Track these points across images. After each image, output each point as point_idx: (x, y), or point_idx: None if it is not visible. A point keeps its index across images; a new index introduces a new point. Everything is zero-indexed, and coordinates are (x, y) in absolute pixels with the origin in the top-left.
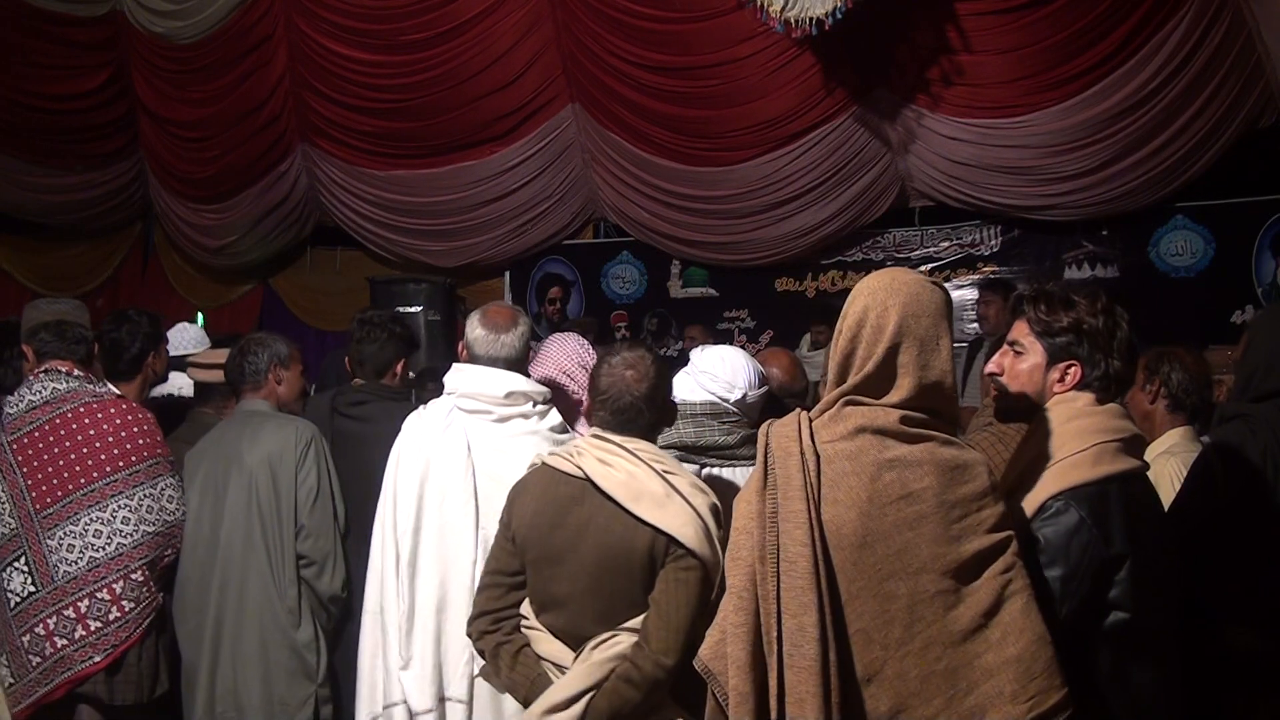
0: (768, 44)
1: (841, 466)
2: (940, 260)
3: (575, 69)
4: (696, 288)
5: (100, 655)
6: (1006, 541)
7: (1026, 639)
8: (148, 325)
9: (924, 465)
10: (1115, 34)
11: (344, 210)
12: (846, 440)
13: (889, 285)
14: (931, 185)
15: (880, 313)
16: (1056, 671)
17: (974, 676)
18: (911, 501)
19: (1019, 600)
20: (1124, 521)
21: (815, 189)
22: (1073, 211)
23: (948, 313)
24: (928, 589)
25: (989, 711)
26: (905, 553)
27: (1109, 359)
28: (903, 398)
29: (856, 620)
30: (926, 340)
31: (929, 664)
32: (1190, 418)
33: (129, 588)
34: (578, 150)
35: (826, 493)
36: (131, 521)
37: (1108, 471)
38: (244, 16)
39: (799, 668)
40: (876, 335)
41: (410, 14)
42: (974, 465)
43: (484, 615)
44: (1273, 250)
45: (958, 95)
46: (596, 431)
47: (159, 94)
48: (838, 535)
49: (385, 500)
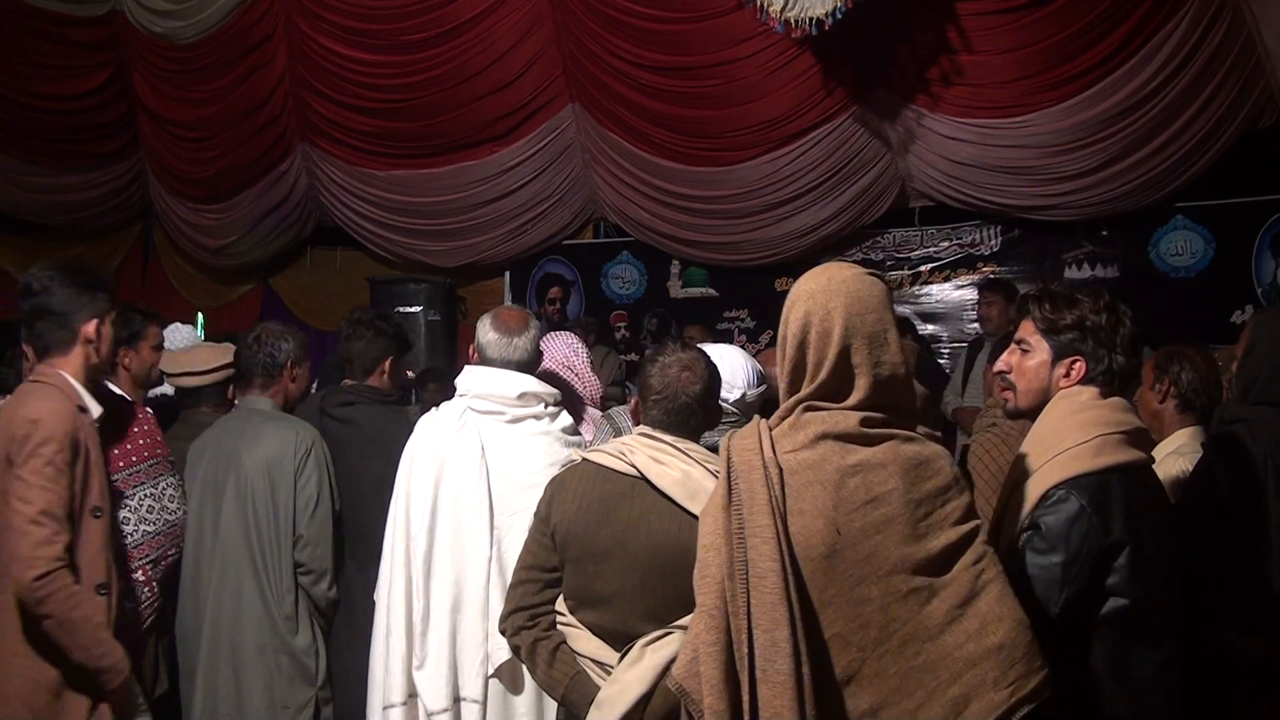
0: (768, 44)
1: (805, 477)
2: (940, 260)
3: (575, 69)
4: (696, 288)
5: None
6: (974, 532)
7: (1006, 626)
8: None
9: (888, 466)
10: (1115, 34)
11: (344, 210)
12: (808, 449)
13: (826, 286)
14: (931, 185)
15: (824, 316)
16: (1036, 654)
17: (955, 668)
18: (878, 505)
19: (994, 589)
20: (1124, 510)
21: (815, 189)
22: (1073, 211)
23: (889, 303)
24: (900, 589)
25: (973, 700)
26: (875, 556)
27: (1112, 354)
28: (861, 398)
29: (831, 626)
30: (874, 336)
31: (908, 660)
32: (1200, 418)
33: (130, 587)
34: (578, 150)
35: (792, 504)
36: (131, 521)
37: (1108, 462)
38: (244, 16)
39: (773, 683)
40: (824, 340)
41: (410, 14)
42: (935, 460)
43: (520, 611)
44: (1273, 250)
45: (958, 95)
46: (645, 430)
47: (159, 94)
48: (806, 546)
49: (398, 501)
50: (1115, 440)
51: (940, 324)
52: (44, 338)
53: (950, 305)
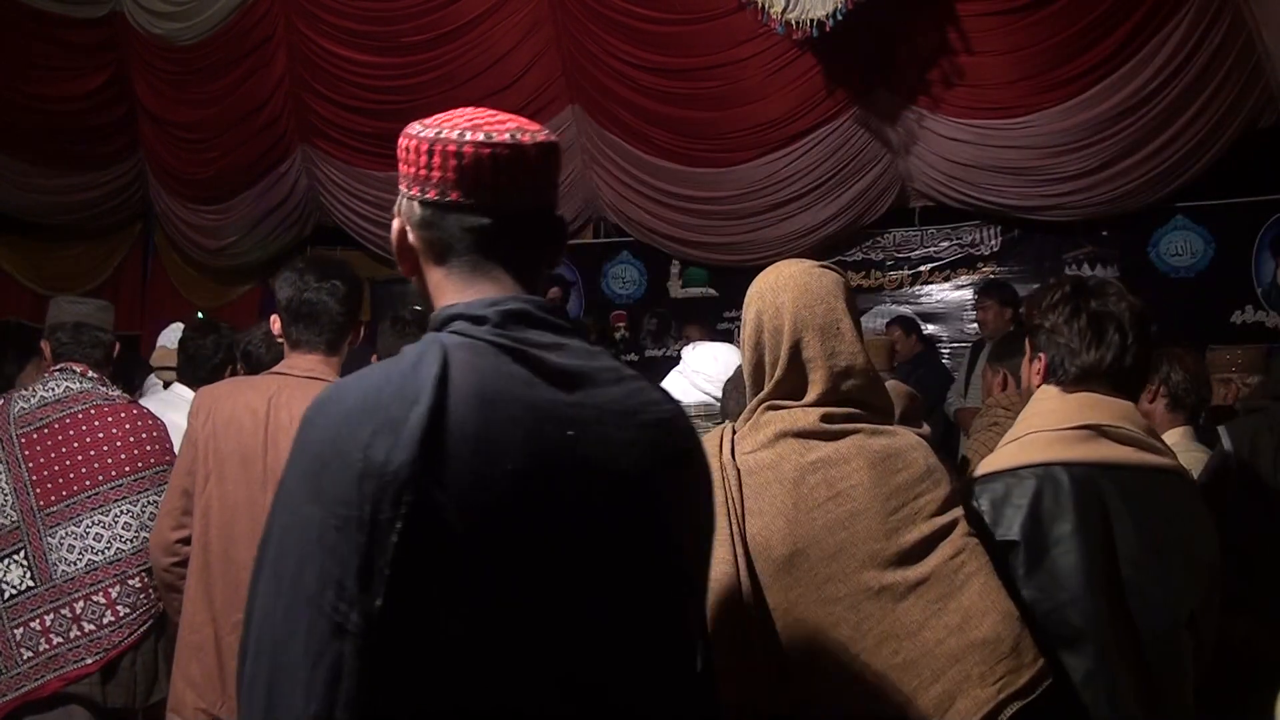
0: (768, 45)
1: (763, 477)
2: (940, 260)
3: (575, 71)
4: (696, 288)
5: (92, 658)
6: (953, 524)
7: (991, 619)
8: (229, 335)
9: (852, 461)
10: (1115, 35)
11: (344, 211)
12: (766, 449)
13: (774, 283)
14: (932, 186)
15: (774, 313)
16: (1029, 647)
17: (937, 665)
18: (841, 501)
19: (978, 581)
20: (1030, 510)
21: (815, 190)
22: (1073, 212)
23: (843, 293)
24: (870, 585)
25: (958, 698)
26: (841, 553)
27: (1069, 345)
28: (820, 393)
29: (800, 628)
30: (826, 328)
31: (885, 659)
32: (1189, 417)
33: (125, 593)
34: (578, 151)
35: (750, 505)
36: (133, 528)
37: (1024, 460)
38: (244, 18)
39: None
40: (776, 337)
41: (410, 16)
42: (907, 451)
43: None
44: (1273, 250)
45: (958, 96)
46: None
47: (159, 95)
48: (766, 547)
49: None
50: (1045, 439)
51: (940, 324)
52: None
53: (950, 305)
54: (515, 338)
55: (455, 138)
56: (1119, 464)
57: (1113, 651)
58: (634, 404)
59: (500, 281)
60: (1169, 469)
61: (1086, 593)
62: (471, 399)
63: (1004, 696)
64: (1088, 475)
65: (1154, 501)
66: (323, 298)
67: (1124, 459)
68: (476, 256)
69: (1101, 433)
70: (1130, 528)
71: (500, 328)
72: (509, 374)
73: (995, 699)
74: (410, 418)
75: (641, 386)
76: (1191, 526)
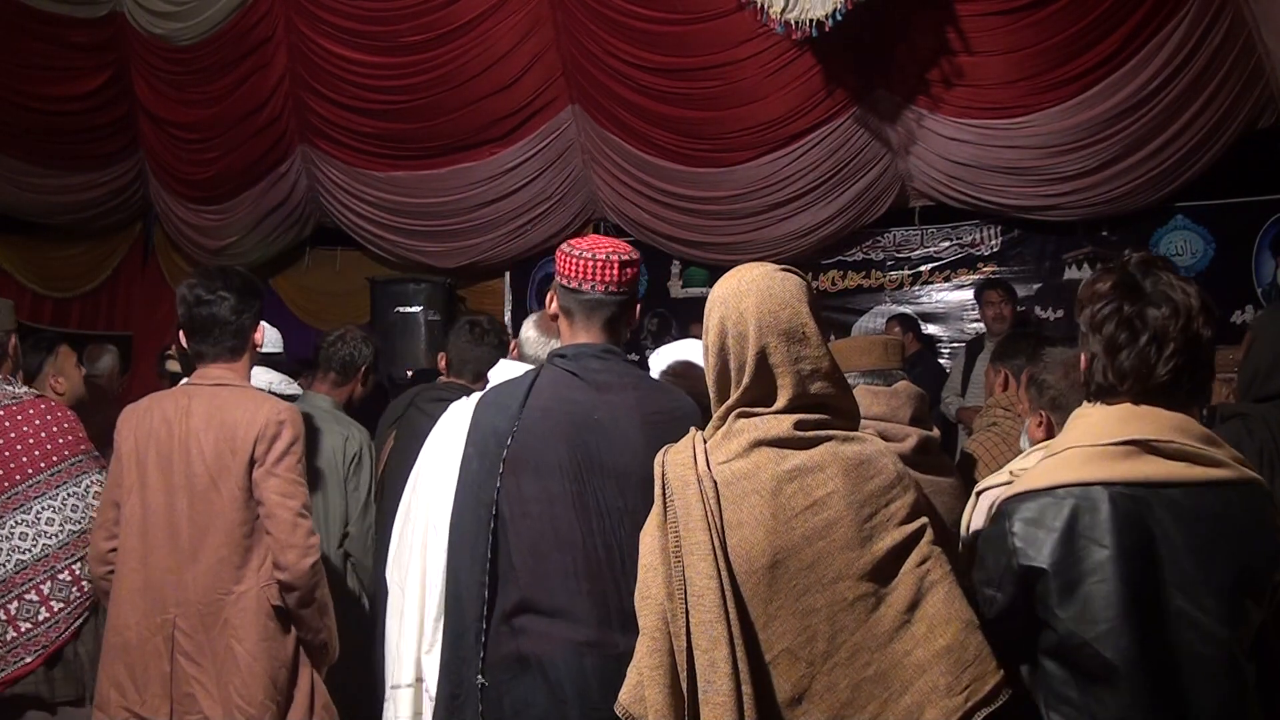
0: (768, 45)
1: (741, 487)
2: (940, 260)
3: (575, 70)
4: (696, 288)
5: (30, 656)
6: (920, 531)
7: (954, 629)
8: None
9: (827, 469)
10: (1115, 35)
11: (344, 211)
12: (741, 458)
13: (736, 288)
14: (932, 185)
15: (737, 320)
16: (990, 655)
17: (906, 675)
18: (818, 510)
19: (940, 590)
20: (1063, 535)
21: (815, 189)
22: (1073, 212)
23: (806, 297)
24: (846, 596)
25: (926, 709)
26: (819, 563)
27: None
28: (789, 399)
29: (779, 641)
30: (791, 332)
31: (857, 671)
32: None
33: (57, 588)
34: (577, 151)
35: (729, 516)
36: (56, 522)
37: (1056, 480)
38: (244, 18)
39: (714, 704)
40: (741, 343)
41: (410, 16)
42: (878, 458)
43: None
44: (1273, 250)
45: (958, 96)
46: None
47: (159, 95)
48: (747, 559)
49: (418, 483)
50: (1083, 454)
51: (940, 324)
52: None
53: (950, 305)
54: (579, 365)
55: (578, 255)
56: (1168, 481)
57: (1146, 690)
58: (639, 399)
59: (591, 332)
60: (1232, 481)
61: (1123, 625)
62: (542, 397)
63: (971, 705)
64: (1130, 496)
65: (1211, 520)
66: (213, 310)
67: (1173, 476)
68: (582, 317)
69: (1148, 448)
70: (1181, 551)
71: (574, 360)
72: (567, 384)
73: (963, 707)
74: (512, 406)
75: (649, 391)
76: (1260, 542)
